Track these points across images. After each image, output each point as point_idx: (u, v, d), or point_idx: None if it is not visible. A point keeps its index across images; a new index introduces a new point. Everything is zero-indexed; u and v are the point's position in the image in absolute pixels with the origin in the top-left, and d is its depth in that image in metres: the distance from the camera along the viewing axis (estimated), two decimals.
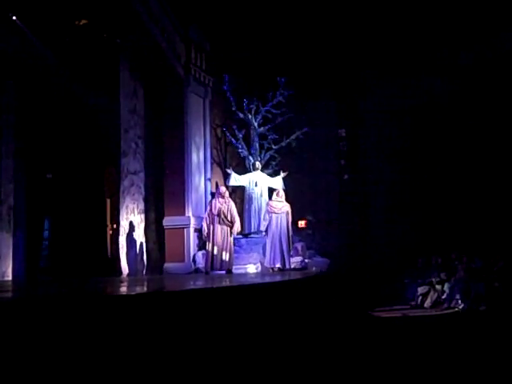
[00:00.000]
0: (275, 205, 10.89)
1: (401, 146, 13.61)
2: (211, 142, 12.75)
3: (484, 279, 10.65)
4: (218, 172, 12.96)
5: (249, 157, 12.83)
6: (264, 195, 12.29)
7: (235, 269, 10.78)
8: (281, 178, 12.34)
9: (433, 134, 13.43)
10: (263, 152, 12.96)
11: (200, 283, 8.27)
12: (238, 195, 12.94)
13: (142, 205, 11.46)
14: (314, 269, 11.28)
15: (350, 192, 14.09)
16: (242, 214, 12.38)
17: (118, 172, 10.86)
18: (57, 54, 10.59)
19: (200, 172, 12.27)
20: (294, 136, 12.88)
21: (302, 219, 13.19)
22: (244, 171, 12.76)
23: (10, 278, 10.28)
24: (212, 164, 12.72)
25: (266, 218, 10.92)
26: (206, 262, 10.56)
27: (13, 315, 4.00)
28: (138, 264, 11.05)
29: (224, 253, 10.41)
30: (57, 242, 11.82)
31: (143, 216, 11.48)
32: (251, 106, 12.79)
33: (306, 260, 11.73)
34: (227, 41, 12.84)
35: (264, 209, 11.59)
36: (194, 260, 11.52)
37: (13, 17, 9.63)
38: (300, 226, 13.06)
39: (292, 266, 10.88)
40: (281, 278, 9.07)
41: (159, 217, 11.74)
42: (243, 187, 12.63)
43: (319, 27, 12.96)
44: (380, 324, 9.58)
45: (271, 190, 11.85)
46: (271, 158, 13.00)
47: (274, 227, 10.73)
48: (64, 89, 11.02)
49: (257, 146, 12.89)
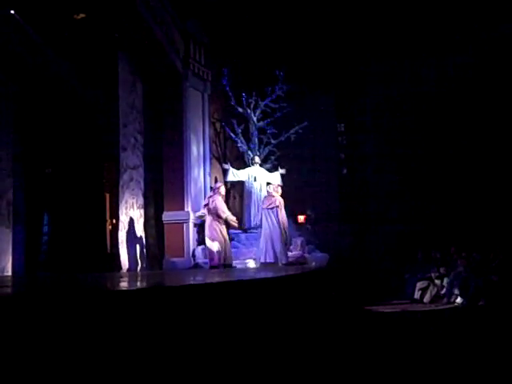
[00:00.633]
0: (265, 200, 10.95)
1: (400, 140, 13.60)
2: (210, 137, 12.74)
3: (483, 274, 10.67)
4: (218, 167, 12.95)
5: (248, 151, 12.82)
6: (263, 190, 12.27)
7: (235, 263, 10.79)
8: (279, 174, 12.32)
9: (431, 129, 13.42)
10: (262, 146, 12.95)
11: (200, 278, 8.26)
12: (238, 190, 12.94)
13: (142, 200, 11.45)
14: (313, 264, 11.28)
15: (350, 186, 14.10)
16: (242, 209, 12.38)
17: (117, 167, 10.85)
18: (55, 49, 10.57)
19: (199, 167, 12.26)
20: (293, 130, 12.87)
21: (302, 214, 13.19)
22: (243, 166, 12.76)
23: (10, 273, 10.28)
24: (211, 159, 12.72)
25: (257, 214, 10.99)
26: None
27: (12, 310, 4.00)
28: (138, 259, 11.05)
29: (220, 247, 10.39)
30: (56, 237, 11.81)
31: (142, 211, 11.47)
32: (250, 101, 12.77)
33: (306, 255, 11.72)
34: (226, 35, 12.81)
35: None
36: (194, 255, 11.52)
37: (11, 11, 9.59)
38: (299, 221, 13.06)
39: (289, 261, 10.90)
40: (277, 274, 9.05)
41: (158, 212, 11.74)
42: (242, 182, 12.62)
43: (318, 21, 12.94)
44: (379, 319, 9.59)
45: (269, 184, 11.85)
46: (270, 153, 12.99)
47: (265, 223, 10.77)
48: (63, 83, 11.00)
49: (256, 141, 12.88)
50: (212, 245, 10.37)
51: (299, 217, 13.08)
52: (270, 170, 12.63)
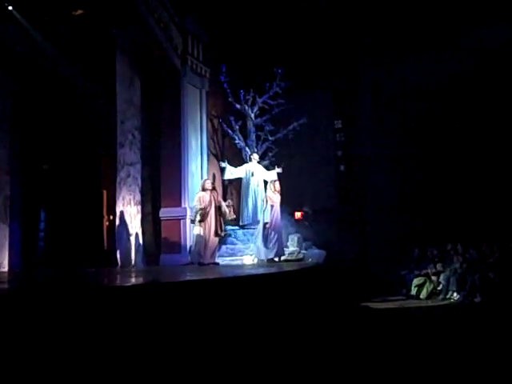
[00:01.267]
0: (271, 196, 10.93)
1: (397, 137, 13.59)
2: (208, 133, 12.74)
3: (479, 270, 10.70)
4: (215, 163, 12.94)
5: (245, 148, 12.82)
6: (260, 186, 12.25)
7: (231, 260, 10.84)
8: (275, 173, 12.29)
9: (429, 126, 13.42)
10: (260, 143, 12.95)
11: (196, 275, 8.27)
12: (235, 186, 12.94)
13: (139, 196, 11.44)
14: (310, 260, 11.30)
15: (347, 183, 14.09)
16: (239, 205, 12.39)
17: (115, 163, 10.82)
18: (53, 45, 10.55)
19: (197, 163, 12.26)
20: (291, 127, 12.86)
21: (299, 210, 13.19)
22: (241, 162, 12.74)
23: (7, 269, 10.28)
24: (209, 155, 12.72)
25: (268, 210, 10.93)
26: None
27: (9, 306, 4.01)
28: (135, 255, 11.05)
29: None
30: (53, 233, 11.80)
31: (140, 207, 11.46)
32: (248, 97, 12.77)
33: (303, 251, 11.73)
34: (224, 31, 12.80)
35: (261, 200, 11.62)
36: (191, 251, 11.52)
37: (9, 7, 9.58)
38: (296, 218, 13.06)
39: (287, 258, 10.94)
40: (277, 270, 9.07)
41: (156, 208, 11.75)
42: (240, 178, 12.62)
43: (316, 18, 12.93)
44: (376, 315, 9.62)
45: (266, 183, 11.83)
46: (268, 150, 12.98)
47: (272, 219, 10.78)
48: (61, 79, 10.99)
49: (253, 137, 12.87)
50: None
51: (296, 213, 13.06)
52: (268, 168, 12.63)
